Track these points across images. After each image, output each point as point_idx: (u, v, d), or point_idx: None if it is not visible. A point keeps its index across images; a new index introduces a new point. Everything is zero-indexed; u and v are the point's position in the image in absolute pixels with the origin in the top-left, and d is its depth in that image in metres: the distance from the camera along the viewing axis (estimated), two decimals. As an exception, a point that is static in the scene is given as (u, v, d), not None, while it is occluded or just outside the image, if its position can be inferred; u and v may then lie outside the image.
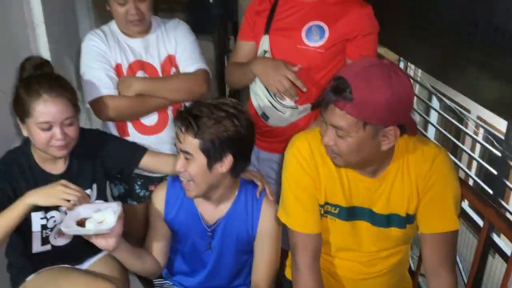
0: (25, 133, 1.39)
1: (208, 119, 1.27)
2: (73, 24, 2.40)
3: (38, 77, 1.37)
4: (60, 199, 1.27)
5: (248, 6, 1.74)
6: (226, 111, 1.29)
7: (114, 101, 1.63)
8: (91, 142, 1.52)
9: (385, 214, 1.28)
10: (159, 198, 1.49)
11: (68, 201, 1.28)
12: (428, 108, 5.88)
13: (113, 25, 1.73)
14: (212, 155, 1.29)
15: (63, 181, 1.31)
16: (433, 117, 5.82)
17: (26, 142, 1.45)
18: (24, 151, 1.44)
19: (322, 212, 1.32)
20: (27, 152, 1.44)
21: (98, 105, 1.64)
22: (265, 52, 1.64)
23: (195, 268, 1.54)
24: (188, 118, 1.28)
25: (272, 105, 1.62)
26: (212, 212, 1.46)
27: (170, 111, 1.75)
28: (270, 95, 1.61)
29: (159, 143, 1.75)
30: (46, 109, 1.32)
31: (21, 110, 1.36)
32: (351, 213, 1.30)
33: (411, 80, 3.50)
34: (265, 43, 1.64)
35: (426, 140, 1.28)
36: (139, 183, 1.87)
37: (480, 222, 1.87)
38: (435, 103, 6.23)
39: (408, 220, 1.28)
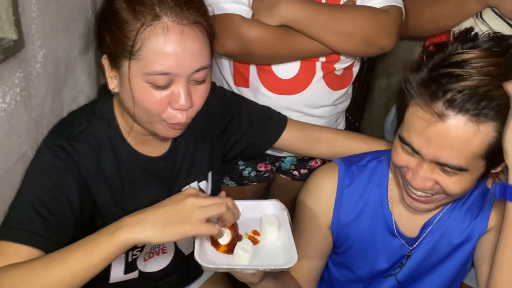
0: (113, 86, 0.79)
1: None
2: None
3: None
4: (201, 227, 0.68)
5: None
6: None
7: (241, 27, 1.00)
8: (211, 107, 0.91)
9: None
10: (325, 190, 0.95)
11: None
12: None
13: None
14: (493, 159, 0.77)
15: (192, 190, 0.72)
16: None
17: (107, 101, 0.84)
18: (104, 116, 0.83)
19: None
20: (110, 119, 0.83)
21: (217, 28, 0.92)
22: None
23: None
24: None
25: None
26: (413, 217, 0.92)
27: (319, 64, 1.12)
28: None
29: (290, 108, 1.15)
30: (169, 46, 0.70)
31: (116, 42, 0.73)
32: None
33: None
34: None
35: None
36: None
37: None
38: None
39: None
